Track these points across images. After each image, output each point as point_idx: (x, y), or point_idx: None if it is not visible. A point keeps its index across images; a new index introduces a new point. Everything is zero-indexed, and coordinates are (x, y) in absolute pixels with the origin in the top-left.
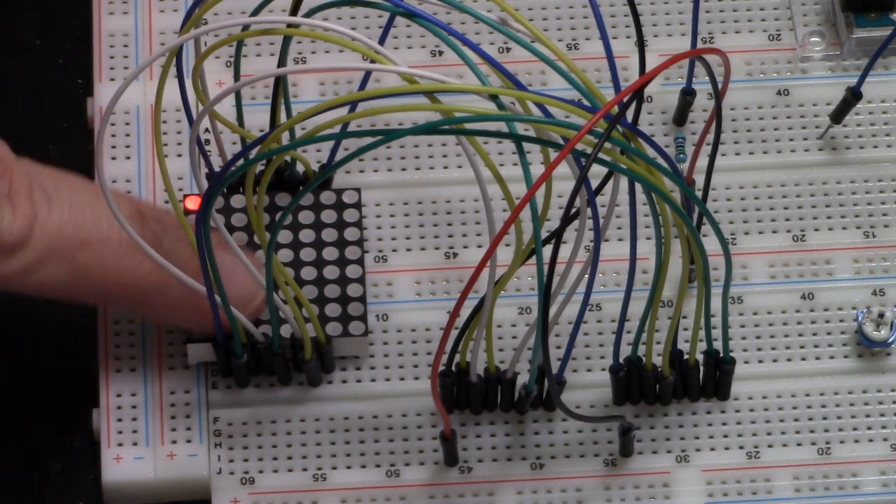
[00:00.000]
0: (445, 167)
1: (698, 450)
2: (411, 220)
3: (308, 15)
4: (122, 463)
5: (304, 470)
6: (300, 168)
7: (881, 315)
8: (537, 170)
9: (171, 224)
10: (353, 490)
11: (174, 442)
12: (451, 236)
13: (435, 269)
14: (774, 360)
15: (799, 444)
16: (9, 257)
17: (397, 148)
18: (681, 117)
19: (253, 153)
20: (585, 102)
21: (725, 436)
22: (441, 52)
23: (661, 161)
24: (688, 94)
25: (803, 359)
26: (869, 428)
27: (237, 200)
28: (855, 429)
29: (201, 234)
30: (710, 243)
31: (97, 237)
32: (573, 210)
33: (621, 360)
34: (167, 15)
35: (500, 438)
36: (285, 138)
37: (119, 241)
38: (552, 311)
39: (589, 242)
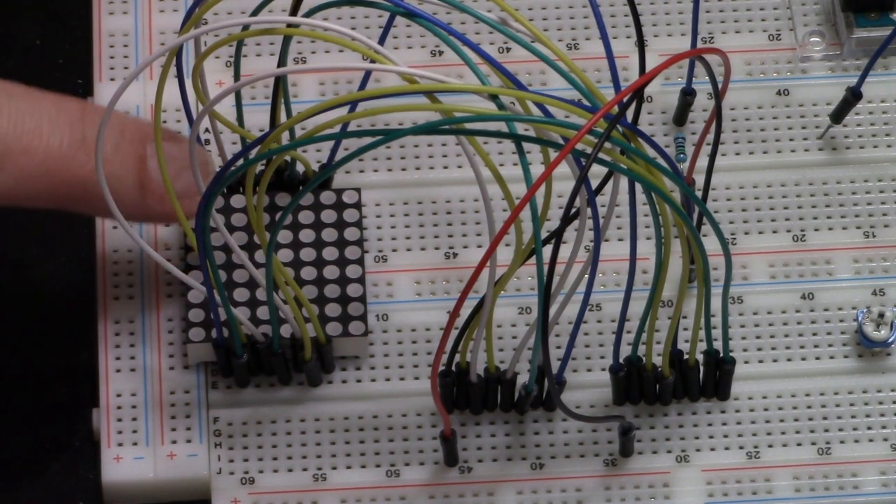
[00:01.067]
0: (445, 167)
1: (698, 450)
2: (411, 220)
3: (308, 15)
4: (122, 463)
5: (304, 470)
6: (300, 168)
7: (881, 315)
8: (537, 170)
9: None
10: (353, 490)
11: (174, 442)
12: (451, 236)
13: (435, 269)
14: (774, 360)
15: (799, 444)
16: None
17: (397, 148)
18: (681, 117)
19: (253, 153)
20: (585, 102)
21: (725, 436)
22: (441, 52)
23: (661, 161)
24: (688, 94)
25: (803, 359)
26: (869, 428)
27: (237, 200)
28: (855, 429)
29: (201, 233)
30: (710, 243)
31: (39, 143)
32: (573, 210)
33: (621, 360)
34: (167, 15)
35: (500, 438)
36: (285, 138)
37: (61, 144)
38: (552, 311)
39: (589, 242)
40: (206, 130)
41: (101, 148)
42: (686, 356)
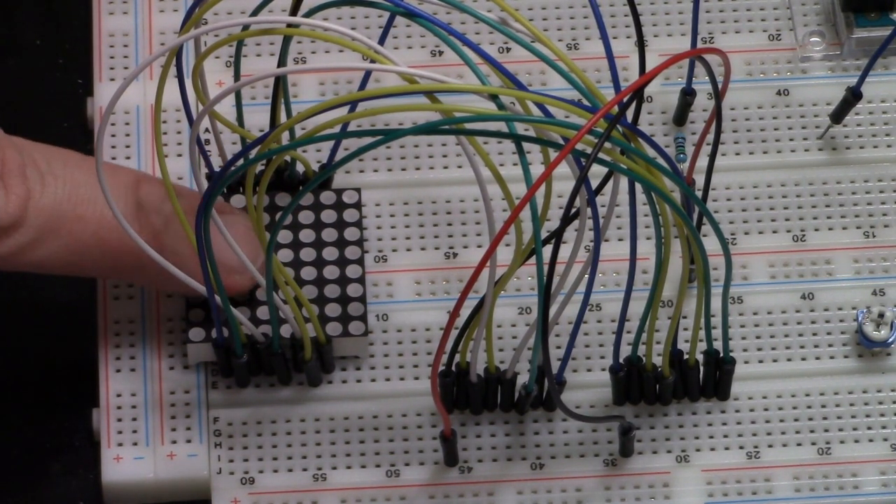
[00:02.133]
0: (445, 167)
1: (698, 450)
2: (411, 220)
3: (308, 15)
4: (122, 463)
5: (304, 470)
6: (300, 168)
7: (881, 315)
8: (537, 170)
9: (169, 211)
10: (353, 490)
11: (174, 442)
12: (451, 236)
13: (435, 269)
14: (774, 360)
15: (799, 444)
16: (4, 238)
17: (397, 148)
18: (681, 117)
19: (253, 153)
20: (585, 102)
21: (725, 436)
22: (441, 52)
23: (661, 161)
24: (688, 94)
25: (803, 359)
26: (869, 428)
27: (237, 200)
28: (855, 429)
29: (201, 233)
30: (710, 243)
31: (92, 213)
32: (573, 210)
33: (621, 360)
34: (167, 15)
35: (500, 438)
36: (285, 138)
37: (114, 215)
38: (552, 311)
39: (589, 242)
40: (206, 130)
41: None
42: (686, 356)
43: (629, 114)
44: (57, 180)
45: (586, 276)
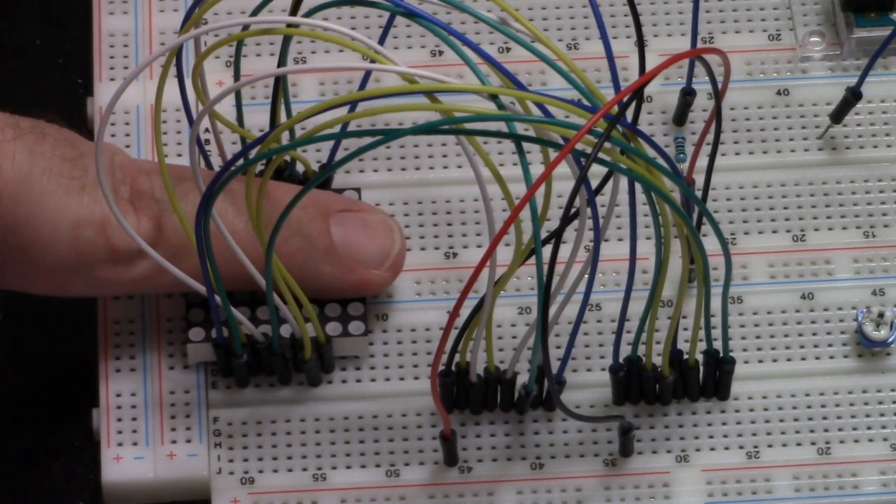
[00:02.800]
0: (445, 167)
1: (698, 450)
2: (411, 220)
3: (308, 15)
4: (122, 463)
5: (304, 470)
6: (300, 168)
7: (881, 315)
8: (537, 170)
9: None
10: (352, 490)
11: (174, 442)
12: (450, 236)
13: (435, 269)
14: (774, 360)
15: (799, 444)
16: (137, 263)
17: (397, 148)
18: (681, 117)
19: (253, 153)
20: (585, 102)
21: (725, 436)
22: (441, 52)
23: (660, 161)
24: (688, 94)
25: (803, 359)
26: (869, 428)
27: None
28: (855, 429)
29: (201, 234)
30: (710, 243)
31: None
32: (573, 210)
33: (621, 360)
34: (167, 15)
35: (500, 438)
36: (285, 138)
37: (246, 226)
38: (552, 311)
39: (589, 242)
40: (206, 130)
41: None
42: (686, 356)
43: (629, 114)
44: (181, 200)
45: (586, 275)
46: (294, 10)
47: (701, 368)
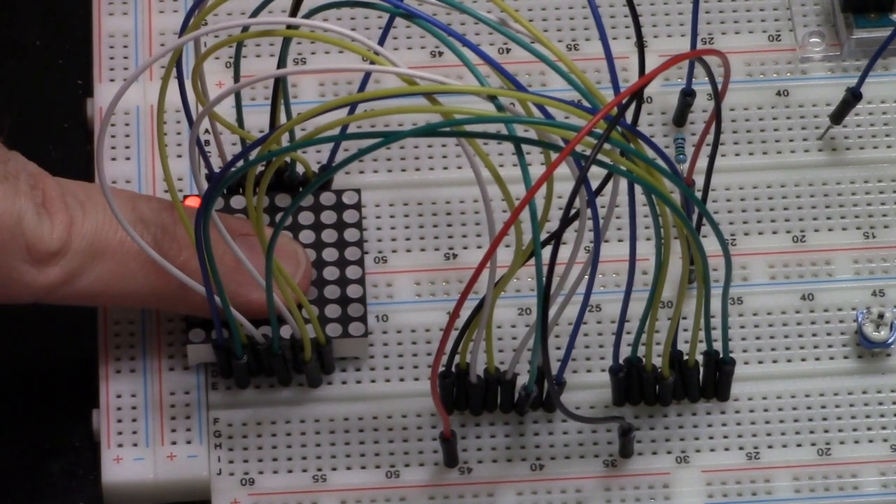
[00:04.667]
0: (445, 168)
1: (698, 450)
2: (411, 221)
3: (308, 16)
4: (122, 463)
5: (304, 471)
6: (300, 169)
7: (881, 315)
8: (537, 170)
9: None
10: (352, 491)
11: (174, 443)
12: (451, 237)
13: (435, 269)
14: (774, 361)
15: (799, 445)
16: (51, 265)
17: (397, 149)
18: (680, 118)
19: (253, 154)
20: (585, 103)
21: (725, 436)
22: (441, 53)
23: (660, 162)
24: (687, 95)
25: (803, 359)
26: (869, 428)
27: (237, 201)
28: (855, 429)
29: (201, 234)
30: (710, 244)
31: (124, 242)
32: (573, 211)
33: (621, 361)
34: (167, 15)
35: (500, 439)
36: (285, 139)
37: (154, 238)
38: (552, 311)
39: (589, 243)
40: (206, 131)
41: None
42: (686, 357)
43: (629, 115)
44: (96, 207)
45: (586, 276)
46: (294, 12)
47: (701, 369)
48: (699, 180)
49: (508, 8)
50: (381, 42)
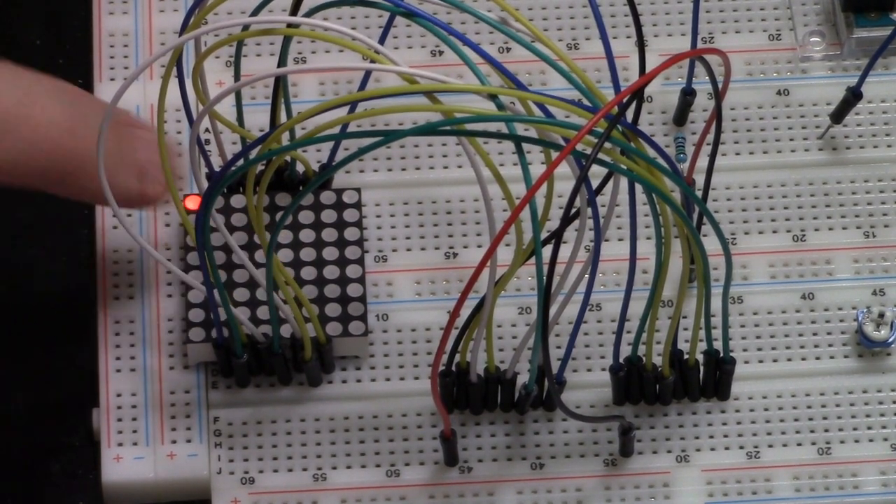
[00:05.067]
0: (445, 167)
1: (698, 450)
2: (411, 220)
3: (308, 15)
4: (122, 463)
5: (304, 470)
6: (300, 168)
7: (881, 315)
8: (538, 169)
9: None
10: (353, 490)
11: (174, 442)
12: (451, 236)
13: (435, 269)
14: (774, 360)
15: (799, 444)
16: None
17: (397, 148)
18: (681, 117)
19: (253, 153)
20: (586, 102)
21: (725, 436)
22: (441, 52)
23: (661, 161)
24: (688, 94)
25: (803, 359)
26: (869, 428)
27: (237, 200)
28: (855, 429)
29: (201, 234)
30: (711, 243)
31: (42, 115)
32: (573, 210)
33: (621, 360)
34: (167, 15)
35: (500, 438)
36: (285, 138)
37: (63, 118)
38: (552, 311)
39: (589, 242)
40: (207, 130)
41: (104, 140)
42: (686, 356)
43: (629, 114)
44: (4, 83)
45: (586, 276)
46: (294, 10)
47: (701, 368)
48: (699, 179)
49: (509, 7)
50: (382, 41)
